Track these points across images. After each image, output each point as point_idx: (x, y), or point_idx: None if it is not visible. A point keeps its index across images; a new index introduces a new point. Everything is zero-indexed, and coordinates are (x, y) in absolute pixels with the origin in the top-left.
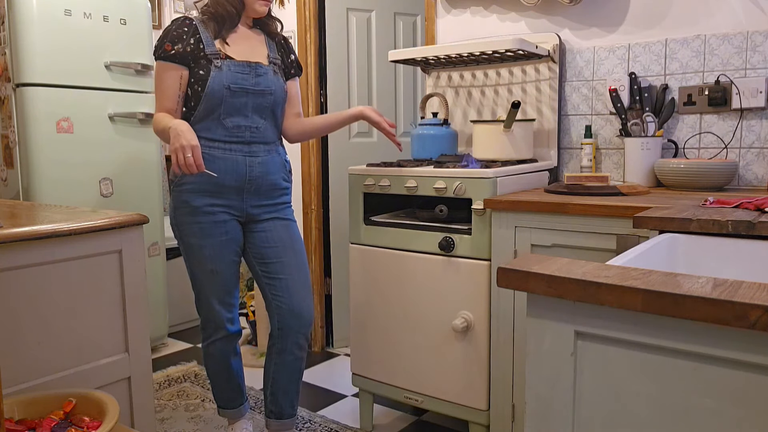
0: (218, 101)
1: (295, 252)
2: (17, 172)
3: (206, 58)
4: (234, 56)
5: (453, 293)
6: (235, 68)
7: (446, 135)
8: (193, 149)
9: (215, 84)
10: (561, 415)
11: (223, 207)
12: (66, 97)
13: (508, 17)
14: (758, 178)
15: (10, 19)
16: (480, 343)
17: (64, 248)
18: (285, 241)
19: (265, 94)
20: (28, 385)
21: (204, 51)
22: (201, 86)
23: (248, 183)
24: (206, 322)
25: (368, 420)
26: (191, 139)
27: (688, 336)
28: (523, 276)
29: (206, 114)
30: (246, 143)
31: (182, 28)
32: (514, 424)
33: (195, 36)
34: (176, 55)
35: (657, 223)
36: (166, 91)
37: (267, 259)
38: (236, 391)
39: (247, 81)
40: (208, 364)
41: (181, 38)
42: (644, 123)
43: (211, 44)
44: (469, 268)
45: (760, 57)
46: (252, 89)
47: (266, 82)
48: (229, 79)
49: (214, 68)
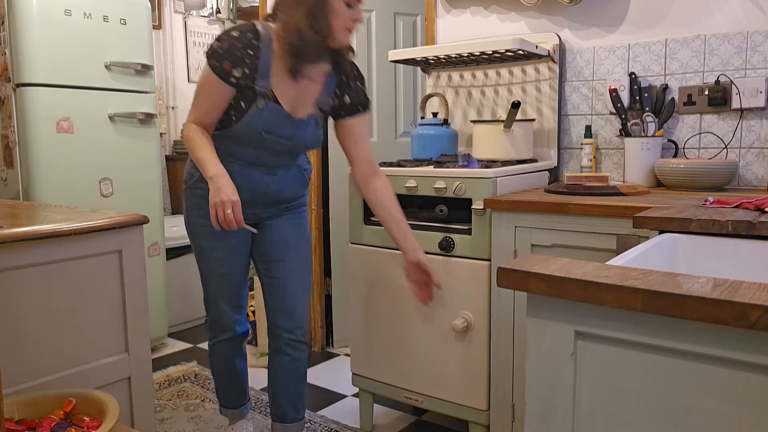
0: (246, 138)
1: (299, 253)
2: (17, 172)
3: (252, 91)
4: (282, 102)
5: (453, 293)
6: (277, 116)
7: (446, 135)
8: (234, 205)
9: (250, 124)
10: (561, 415)
11: None
12: (66, 97)
13: (508, 17)
14: (758, 178)
15: (10, 19)
16: (480, 343)
17: (64, 248)
18: (290, 241)
19: (296, 146)
20: (28, 385)
21: (255, 83)
22: (236, 116)
23: (263, 197)
24: (213, 322)
25: (368, 420)
26: (232, 194)
27: (688, 336)
28: (523, 276)
29: (230, 139)
30: (266, 166)
31: (247, 49)
32: (514, 424)
33: (254, 63)
34: (233, 81)
35: (657, 223)
36: (211, 108)
37: (269, 257)
38: (239, 392)
39: (284, 132)
40: (213, 363)
41: (243, 62)
42: (644, 123)
43: (265, 78)
44: (469, 268)
45: (760, 57)
46: (286, 141)
47: (302, 136)
48: (264, 124)
49: (255, 108)
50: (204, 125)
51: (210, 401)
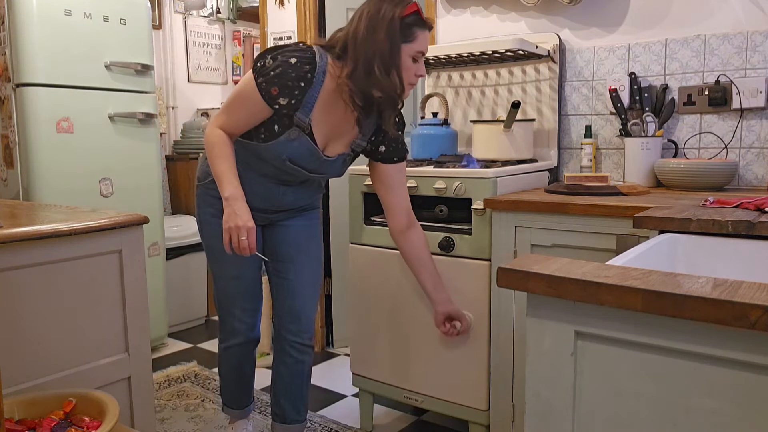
0: (269, 160)
1: (309, 255)
2: (17, 172)
3: (290, 119)
4: (317, 137)
5: (453, 293)
6: (307, 150)
7: (446, 135)
8: (249, 232)
9: (277, 148)
10: (561, 415)
11: None
12: (66, 97)
13: (508, 17)
14: (758, 178)
15: (10, 19)
16: (480, 343)
17: (64, 248)
18: (301, 242)
19: (318, 177)
20: (28, 385)
21: (295, 111)
22: (266, 136)
23: (274, 208)
24: (224, 325)
25: (368, 420)
26: (247, 220)
27: (688, 336)
28: (523, 276)
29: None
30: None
31: (300, 81)
32: (514, 424)
33: (302, 96)
34: (276, 107)
35: (657, 223)
36: (243, 121)
37: (279, 257)
38: (245, 394)
39: (308, 165)
40: (222, 365)
41: (292, 93)
42: (644, 123)
43: (307, 111)
44: (469, 268)
45: (760, 57)
46: (306, 173)
47: (326, 171)
48: (291, 153)
49: (287, 136)
50: (230, 134)
51: (210, 401)
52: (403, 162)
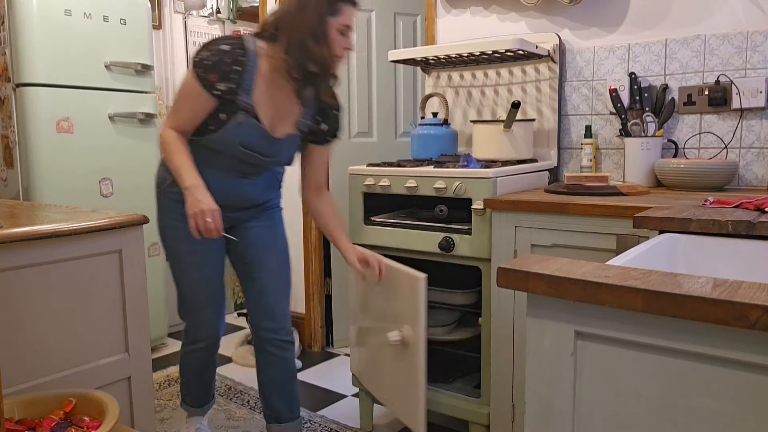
0: (223, 150)
1: (277, 253)
2: (17, 172)
3: (234, 105)
4: (262, 119)
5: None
6: (255, 132)
7: (446, 135)
8: (214, 214)
9: (228, 137)
10: (561, 415)
11: None
12: (66, 97)
13: (508, 17)
14: (758, 178)
15: (10, 19)
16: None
17: (64, 248)
18: (267, 241)
19: (271, 162)
20: (28, 385)
21: (237, 95)
22: (215, 126)
23: (236, 203)
24: (189, 329)
25: (368, 420)
26: (211, 204)
27: (688, 336)
28: (523, 276)
29: (208, 147)
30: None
31: (234, 65)
32: (514, 424)
33: (240, 79)
34: (217, 93)
35: (657, 223)
36: (191, 116)
37: (247, 259)
38: (204, 393)
39: (262, 148)
40: (183, 367)
41: (229, 77)
42: (644, 123)
43: (248, 93)
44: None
45: (760, 57)
46: (260, 156)
47: (279, 152)
48: (242, 138)
49: (235, 121)
50: (182, 131)
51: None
52: (334, 142)
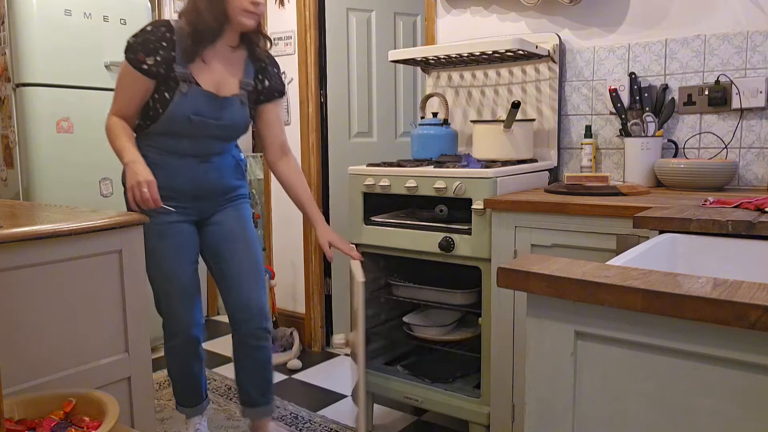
0: (177, 127)
1: (247, 245)
2: (17, 172)
3: (174, 80)
4: (203, 83)
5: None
6: (201, 98)
7: (446, 135)
8: (149, 184)
9: (176, 110)
10: (561, 415)
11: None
12: (66, 97)
13: (508, 17)
14: (758, 178)
15: (10, 19)
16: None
17: (64, 248)
18: (237, 234)
19: (226, 126)
20: (28, 385)
21: (174, 71)
22: (162, 107)
23: (202, 189)
24: (166, 325)
25: (368, 420)
26: (147, 174)
27: (688, 336)
28: (523, 276)
29: (163, 132)
30: (200, 155)
31: (161, 41)
32: (514, 424)
33: (170, 52)
34: (148, 70)
35: (657, 223)
36: (128, 99)
37: (219, 253)
38: (195, 392)
39: (210, 114)
40: (169, 366)
41: (157, 52)
42: (644, 123)
43: (183, 64)
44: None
45: (760, 57)
46: (214, 122)
47: (230, 115)
48: (191, 108)
49: (179, 93)
50: (124, 117)
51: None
52: (282, 98)
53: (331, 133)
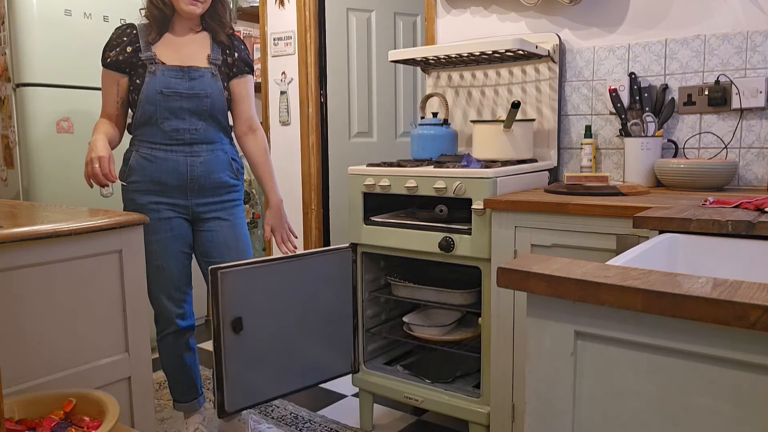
0: (153, 106)
1: (238, 252)
2: (17, 172)
3: (142, 66)
4: (167, 61)
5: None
6: (168, 72)
7: (446, 135)
8: (100, 160)
9: (149, 89)
10: (561, 415)
11: (167, 205)
12: (66, 97)
13: (508, 17)
14: (758, 178)
15: (10, 19)
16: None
17: (64, 248)
18: (229, 242)
19: (200, 97)
20: (28, 385)
21: (140, 58)
22: (137, 93)
23: (191, 182)
24: (157, 316)
25: (368, 420)
26: (100, 150)
27: (688, 336)
28: (523, 276)
29: (145, 119)
30: (187, 144)
31: (122, 37)
32: (514, 424)
33: (134, 44)
34: (112, 63)
35: (657, 223)
36: (106, 97)
37: (210, 258)
38: (189, 386)
39: (181, 85)
40: (161, 358)
41: (119, 45)
42: (644, 123)
43: (147, 50)
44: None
45: (760, 57)
46: (186, 93)
47: (201, 86)
48: (162, 83)
49: (149, 74)
50: (109, 117)
51: (210, 401)
52: (251, 74)
53: (331, 133)
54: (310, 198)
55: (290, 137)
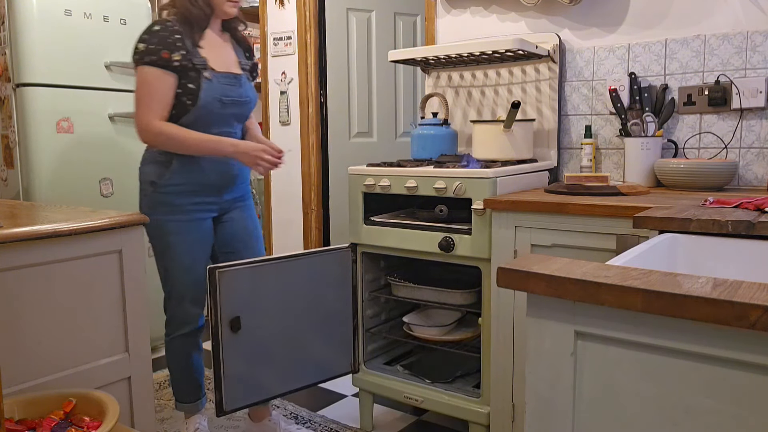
0: (209, 113)
1: (257, 241)
2: (17, 172)
3: (195, 69)
4: (215, 66)
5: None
6: (223, 80)
7: (446, 135)
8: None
9: (206, 96)
10: (561, 415)
11: (202, 205)
12: (66, 97)
13: (508, 17)
14: (758, 178)
15: (10, 19)
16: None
17: (64, 248)
18: (250, 231)
19: (245, 103)
20: (28, 385)
21: (192, 61)
22: (192, 99)
23: (230, 181)
24: (174, 318)
25: (368, 420)
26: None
27: (688, 336)
28: (523, 276)
29: (192, 123)
30: None
31: (174, 35)
32: (514, 424)
33: (185, 44)
34: (177, 66)
35: (657, 223)
36: (162, 100)
37: (230, 248)
38: (194, 386)
39: (234, 92)
40: (170, 359)
41: (176, 46)
42: (644, 123)
43: (196, 54)
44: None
45: (760, 57)
46: (239, 100)
47: (246, 92)
48: (219, 91)
49: (204, 80)
50: (163, 119)
51: (210, 401)
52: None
53: (331, 133)
54: (310, 198)
55: (290, 137)
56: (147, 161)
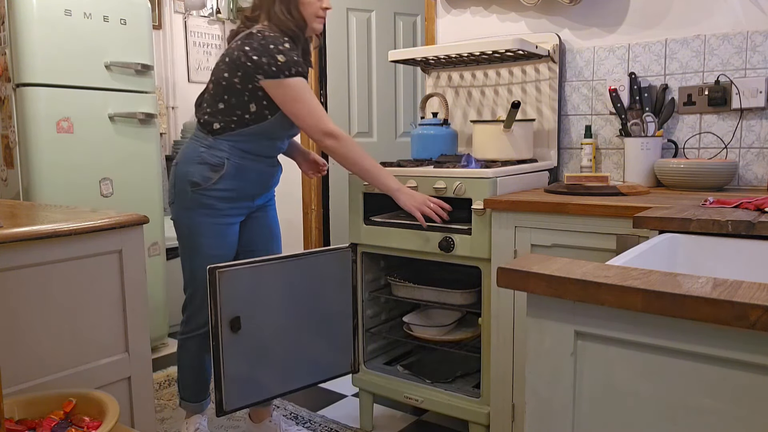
0: (279, 128)
1: (278, 239)
2: (17, 172)
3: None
4: None
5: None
6: None
7: (446, 135)
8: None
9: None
10: (561, 415)
11: (238, 209)
12: (66, 97)
13: (508, 17)
14: (758, 178)
15: (10, 19)
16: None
17: (64, 248)
18: (273, 228)
19: None
20: (28, 385)
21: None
22: (270, 111)
23: (268, 189)
24: (193, 318)
25: (368, 420)
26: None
27: (688, 336)
28: (523, 276)
29: (261, 132)
30: (274, 157)
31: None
32: (514, 424)
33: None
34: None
35: (657, 223)
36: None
37: (255, 246)
38: (202, 386)
39: None
40: (182, 358)
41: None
42: (644, 123)
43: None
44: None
45: (760, 57)
46: None
47: None
48: None
49: None
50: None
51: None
52: None
53: None
54: (310, 198)
55: None
56: (192, 161)
